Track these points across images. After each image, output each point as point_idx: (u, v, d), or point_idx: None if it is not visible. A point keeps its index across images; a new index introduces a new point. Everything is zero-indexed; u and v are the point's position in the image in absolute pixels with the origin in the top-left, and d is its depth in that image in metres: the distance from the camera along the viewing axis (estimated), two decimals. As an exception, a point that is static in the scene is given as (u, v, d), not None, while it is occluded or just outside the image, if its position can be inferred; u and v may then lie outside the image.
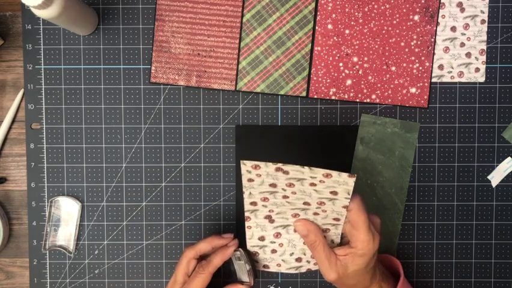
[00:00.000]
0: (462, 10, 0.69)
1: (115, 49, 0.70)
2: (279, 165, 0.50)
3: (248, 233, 0.57)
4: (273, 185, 0.52)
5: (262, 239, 0.58)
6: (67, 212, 0.70)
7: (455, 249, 0.70)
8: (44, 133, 0.70)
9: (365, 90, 0.69)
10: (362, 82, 0.69)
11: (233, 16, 0.69)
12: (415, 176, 0.70)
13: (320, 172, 0.50)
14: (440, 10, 0.69)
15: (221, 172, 0.70)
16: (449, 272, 0.70)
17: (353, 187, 0.52)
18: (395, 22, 0.69)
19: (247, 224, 0.56)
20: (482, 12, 0.69)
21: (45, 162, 0.70)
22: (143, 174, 0.70)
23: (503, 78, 0.69)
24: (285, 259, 0.60)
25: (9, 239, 0.71)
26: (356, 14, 0.69)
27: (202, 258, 0.62)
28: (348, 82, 0.69)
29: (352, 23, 0.69)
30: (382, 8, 0.69)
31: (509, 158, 0.70)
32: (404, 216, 0.70)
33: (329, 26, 0.69)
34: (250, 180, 0.52)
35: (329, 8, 0.69)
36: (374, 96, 0.69)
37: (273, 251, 0.59)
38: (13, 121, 0.71)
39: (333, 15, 0.69)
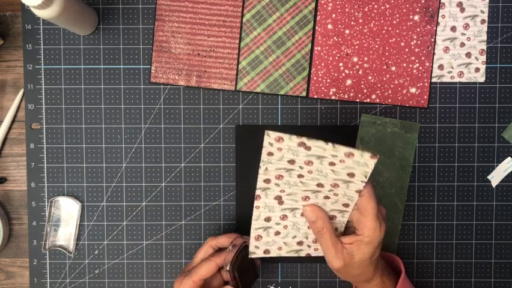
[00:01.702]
0: (462, 10, 0.69)
1: (115, 49, 0.70)
2: (303, 139, 0.50)
3: (255, 213, 0.57)
4: (291, 162, 0.52)
5: (268, 219, 0.58)
6: (67, 212, 0.70)
7: (455, 249, 0.70)
8: (44, 133, 0.70)
9: (365, 90, 0.69)
10: (362, 82, 0.69)
11: (233, 16, 0.69)
12: (415, 176, 0.70)
13: (342, 150, 0.50)
14: (440, 10, 0.69)
15: (221, 172, 0.70)
16: (449, 272, 0.70)
17: (372, 169, 0.52)
18: (395, 22, 0.69)
19: (256, 203, 0.56)
20: (482, 12, 0.69)
21: (45, 162, 0.70)
22: (143, 174, 0.70)
23: (503, 78, 0.69)
24: (286, 242, 0.60)
25: (9, 239, 0.71)
26: (356, 14, 0.69)
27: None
28: (348, 82, 0.69)
29: (352, 23, 0.69)
30: (382, 8, 0.69)
31: (509, 158, 0.70)
32: (404, 216, 0.70)
33: (329, 26, 0.69)
34: (270, 154, 0.51)
35: (329, 8, 0.69)
36: (374, 96, 0.69)
37: (277, 233, 0.59)
38: (13, 121, 0.71)
39: (333, 15, 0.69)
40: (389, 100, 0.69)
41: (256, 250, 0.61)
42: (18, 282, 0.71)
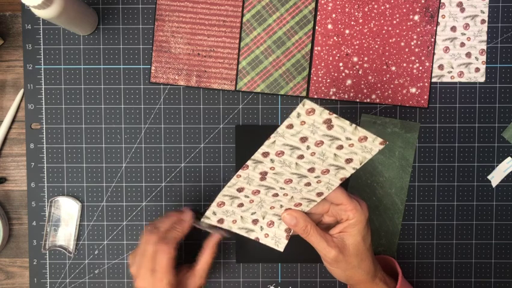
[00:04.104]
0: (462, 10, 0.69)
1: (115, 49, 0.70)
2: (333, 116, 0.50)
3: (233, 181, 0.57)
4: (303, 139, 0.53)
5: (240, 190, 0.58)
6: (67, 212, 0.70)
7: (455, 249, 0.70)
8: (44, 133, 0.70)
9: (365, 90, 0.69)
10: (362, 82, 0.69)
11: (233, 16, 0.69)
12: (415, 176, 0.70)
13: (359, 134, 0.52)
14: (440, 10, 0.69)
15: (221, 172, 0.70)
16: (449, 272, 0.70)
17: (374, 155, 0.54)
18: (395, 22, 0.69)
19: (240, 172, 0.56)
20: (482, 12, 0.69)
21: (45, 162, 0.70)
22: (143, 174, 0.70)
23: (503, 78, 0.69)
24: (243, 216, 0.61)
25: (9, 239, 0.71)
26: (356, 14, 0.69)
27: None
28: (348, 82, 0.69)
29: (352, 23, 0.69)
30: (382, 8, 0.69)
31: (509, 158, 0.70)
32: (404, 216, 0.70)
33: (329, 26, 0.69)
34: (289, 126, 0.52)
35: (329, 8, 0.69)
36: (374, 96, 0.69)
37: (240, 205, 0.60)
38: (13, 121, 0.71)
39: (333, 15, 0.69)
40: (389, 100, 0.69)
41: (212, 216, 0.60)
42: (18, 282, 0.71)
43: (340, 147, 0.53)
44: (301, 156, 0.54)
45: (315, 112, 0.50)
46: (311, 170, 0.55)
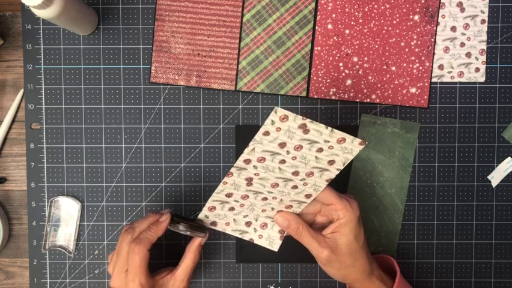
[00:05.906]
0: (462, 10, 0.69)
1: (115, 49, 0.70)
2: (307, 121, 0.50)
3: (220, 187, 0.57)
4: (282, 145, 0.53)
5: (229, 195, 0.59)
6: (67, 212, 0.70)
7: (455, 249, 0.70)
8: (44, 133, 0.70)
9: (365, 90, 0.69)
10: (362, 82, 0.69)
11: (233, 16, 0.69)
12: (415, 176, 0.70)
13: (336, 136, 0.52)
14: (440, 10, 0.69)
15: (221, 172, 0.70)
16: (449, 272, 0.70)
17: (355, 155, 0.54)
18: (395, 22, 0.69)
19: (225, 179, 0.56)
20: (482, 12, 0.69)
21: (45, 162, 0.70)
22: (143, 174, 0.70)
23: (503, 78, 0.69)
24: (236, 219, 0.61)
25: (9, 239, 0.71)
26: (356, 14, 0.69)
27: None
28: (348, 82, 0.69)
29: (352, 23, 0.69)
30: (382, 8, 0.69)
31: (509, 158, 0.70)
32: (404, 216, 0.70)
33: (329, 26, 0.69)
34: (266, 133, 0.52)
35: (329, 8, 0.69)
36: (374, 96, 0.69)
37: (231, 209, 0.60)
38: (13, 121, 0.71)
39: (333, 15, 0.69)
40: (389, 100, 0.69)
41: (204, 219, 0.61)
42: (18, 282, 0.71)
43: (320, 150, 0.53)
44: (283, 161, 0.54)
45: (288, 118, 0.50)
46: (295, 173, 0.55)
